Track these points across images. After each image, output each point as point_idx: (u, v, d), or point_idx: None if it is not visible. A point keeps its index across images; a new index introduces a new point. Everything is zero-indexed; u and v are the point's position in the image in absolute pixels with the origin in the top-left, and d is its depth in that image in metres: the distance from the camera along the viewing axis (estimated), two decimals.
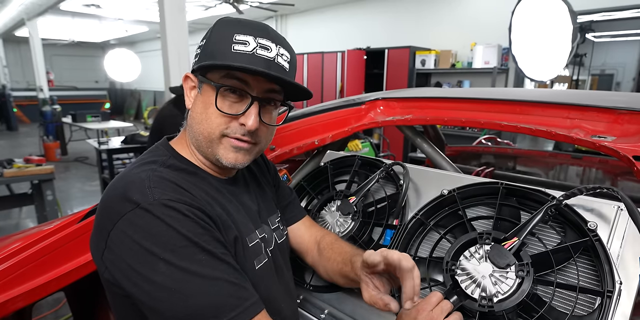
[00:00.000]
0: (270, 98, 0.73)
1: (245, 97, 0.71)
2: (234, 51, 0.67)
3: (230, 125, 0.71)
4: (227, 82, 0.69)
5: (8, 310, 0.82)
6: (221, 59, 0.68)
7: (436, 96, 1.22)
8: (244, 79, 0.69)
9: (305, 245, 0.97)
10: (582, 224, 0.72)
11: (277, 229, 0.89)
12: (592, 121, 0.93)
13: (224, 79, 0.69)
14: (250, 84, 0.70)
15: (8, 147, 8.79)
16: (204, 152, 0.75)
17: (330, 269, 0.90)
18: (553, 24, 3.15)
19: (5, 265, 0.85)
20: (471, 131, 5.15)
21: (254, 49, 0.68)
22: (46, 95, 8.13)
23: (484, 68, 4.95)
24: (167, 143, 0.79)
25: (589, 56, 5.85)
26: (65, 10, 8.10)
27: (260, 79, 0.70)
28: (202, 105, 0.72)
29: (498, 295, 0.72)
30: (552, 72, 3.53)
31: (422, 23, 5.93)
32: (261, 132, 0.75)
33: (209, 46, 0.71)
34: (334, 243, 0.93)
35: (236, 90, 0.70)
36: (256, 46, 0.68)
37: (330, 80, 6.46)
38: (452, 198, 0.90)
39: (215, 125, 0.71)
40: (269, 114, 0.75)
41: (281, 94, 0.75)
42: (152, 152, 0.77)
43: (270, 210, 0.90)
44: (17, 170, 3.43)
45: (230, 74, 0.69)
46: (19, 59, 13.40)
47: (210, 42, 0.71)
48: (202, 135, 0.73)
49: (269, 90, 0.72)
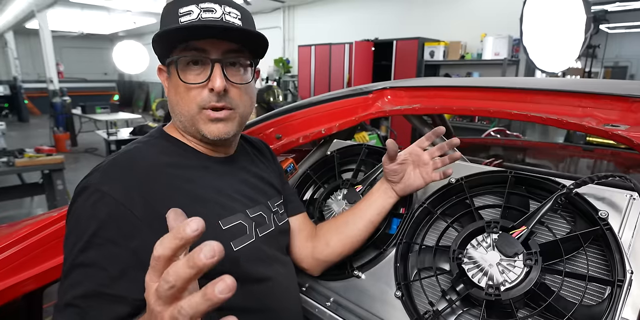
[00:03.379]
0: (231, 58, 0.73)
1: (207, 64, 0.71)
2: (181, 24, 0.68)
3: (202, 95, 0.71)
4: (185, 54, 0.70)
5: (18, 293, 0.84)
6: None
7: (445, 85, 1.20)
8: (200, 47, 0.70)
9: (306, 233, 0.97)
10: (593, 213, 0.71)
11: (277, 213, 0.89)
12: (604, 109, 0.90)
13: (182, 52, 0.70)
14: (207, 50, 0.70)
15: (20, 138, 8.91)
16: (190, 131, 0.76)
17: (336, 233, 0.92)
18: (566, 14, 3.08)
19: (16, 249, 0.86)
20: (480, 124, 5.09)
21: (199, 15, 0.69)
22: (56, 87, 8.18)
23: (494, 59, 4.88)
24: (160, 128, 0.82)
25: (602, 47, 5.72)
26: (74, 2, 8.12)
27: (215, 41, 0.70)
28: (174, 87, 0.74)
29: (505, 284, 0.72)
30: (564, 63, 3.46)
31: (431, 14, 5.84)
32: (234, 94, 0.74)
33: (161, 28, 0.71)
34: (331, 220, 0.99)
35: (197, 62, 0.71)
36: (200, 12, 0.69)
37: (337, 72, 6.42)
38: (460, 187, 0.89)
39: (189, 100, 0.72)
40: (236, 75, 0.74)
41: (244, 53, 0.74)
42: (146, 135, 0.80)
43: (271, 192, 0.90)
44: (28, 159, 3.48)
45: (187, 46, 0.70)
46: (29, 51, 13.50)
47: (161, 25, 0.72)
48: (183, 115, 0.74)
49: (228, 51, 0.72)
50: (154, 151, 0.75)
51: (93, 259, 0.60)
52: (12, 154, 3.63)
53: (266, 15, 8.62)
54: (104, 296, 0.59)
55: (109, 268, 0.60)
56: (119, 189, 0.64)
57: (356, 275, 0.94)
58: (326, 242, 0.93)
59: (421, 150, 0.88)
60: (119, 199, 0.63)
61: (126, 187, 0.65)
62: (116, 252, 0.61)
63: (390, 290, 0.87)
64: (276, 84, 7.51)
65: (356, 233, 0.91)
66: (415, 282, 0.85)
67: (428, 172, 0.87)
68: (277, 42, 8.55)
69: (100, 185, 0.64)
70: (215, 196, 0.75)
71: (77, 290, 0.58)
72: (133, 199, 0.64)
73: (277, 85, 6.18)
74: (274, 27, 8.60)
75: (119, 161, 0.69)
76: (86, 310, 0.58)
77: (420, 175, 0.88)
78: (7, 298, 0.85)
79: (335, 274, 0.98)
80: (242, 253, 0.75)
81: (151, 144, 0.77)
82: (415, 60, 5.46)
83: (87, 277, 0.59)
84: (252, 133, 1.22)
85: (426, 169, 0.88)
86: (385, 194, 0.91)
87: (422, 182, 0.88)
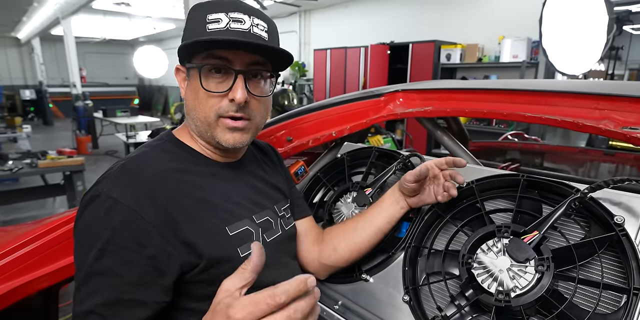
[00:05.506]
0: (254, 70, 0.73)
1: (229, 74, 0.71)
2: (209, 31, 0.68)
3: (222, 104, 0.72)
4: (209, 62, 0.70)
5: (33, 289, 0.86)
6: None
7: (457, 87, 1.18)
8: (224, 56, 0.70)
9: (313, 237, 0.97)
10: (608, 218, 0.68)
11: (283, 217, 0.89)
12: (623, 112, 0.87)
13: (206, 59, 0.70)
14: (231, 60, 0.70)
15: (44, 140, 9.20)
16: (205, 137, 0.76)
17: (344, 239, 0.92)
18: (587, 14, 3.00)
19: (31, 247, 0.89)
20: (498, 127, 5.01)
21: (227, 24, 0.68)
22: (79, 91, 8.44)
23: (512, 62, 4.79)
24: (170, 132, 0.83)
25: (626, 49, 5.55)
26: (97, 9, 8.37)
27: (241, 52, 0.70)
28: (193, 92, 0.74)
29: (516, 290, 0.70)
30: (585, 65, 3.37)
31: (447, 16, 5.79)
32: (253, 106, 0.75)
33: (187, 32, 0.72)
34: (339, 225, 0.98)
35: (220, 70, 0.71)
36: (229, 21, 0.69)
37: (353, 76, 6.42)
38: (471, 190, 0.87)
39: (208, 108, 0.72)
40: (257, 87, 0.75)
41: (266, 65, 0.75)
42: (156, 138, 0.81)
43: (278, 197, 0.90)
44: (50, 161, 3.60)
45: (211, 54, 0.70)
46: (54, 57, 13.96)
47: (187, 29, 0.72)
48: (200, 120, 0.74)
49: (251, 62, 0.72)
50: (163, 156, 0.75)
51: (109, 267, 0.60)
52: (35, 156, 3.77)
53: (282, 20, 8.70)
54: (124, 302, 0.60)
55: (126, 275, 0.61)
56: (129, 195, 0.64)
57: (364, 278, 0.94)
58: (333, 247, 0.93)
59: (439, 170, 0.86)
60: (129, 204, 0.63)
61: (135, 192, 0.65)
62: (131, 258, 0.61)
63: (398, 295, 0.86)
64: (292, 87, 7.55)
65: (364, 239, 0.90)
66: (423, 287, 0.84)
67: (440, 192, 0.85)
68: (293, 46, 8.62)
69: (110, 192, 0.64)
70: (223, 202, 0.75)
71: (97, 298, 0.59)
72: (143, 205, 0.64)
73: (292, 89, 6.21)
74: (290, 32, 8.67)
75: (127, 167, 0.69)
76: (108, 318, 0.59)
77: (433, 191, 0.86)
78: (22, 295, 0.87)
79: (343, 277, 0.98)
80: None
81: (160, 149, 0.77)
82: (432, 63, 5.41)
83: (105, 285, 0.60)
84: (264, 135, 1.23)
85: (439, 189, 0.85)
86: (398, 203, 0.90)
87: (433, 199, 0.86)
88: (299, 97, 7.11)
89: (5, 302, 0.87)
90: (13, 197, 4.07)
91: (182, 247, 0.66)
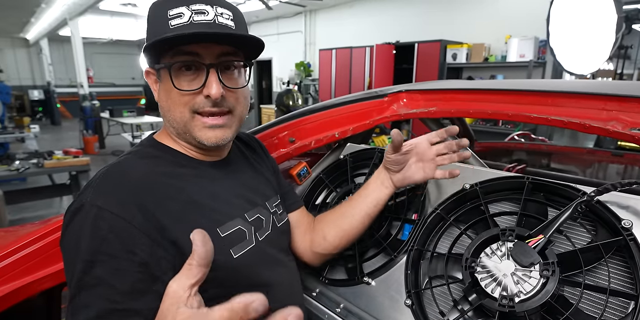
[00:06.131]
0: (226, 62, 0.70)
1: (201, 69, 0.69)
2: (172, 27, 0.65)
3: (196, 100, 0.69)
4: (178, 60, 0.67)
5: (35, 290, 0.86)
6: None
7: (461, 88, 1.17)
8: (192, 51, 0.67)
9: (304, 227, 0.96)
10: (616, 222, 0.67)
11: (275, 213, 0.87)
12: (631, 113, 0.85)
13: (174, 58, 0.68)
14: (201, 54, 0.68)
15: (52, 140, 9.30)
16: (185, 138, 0.74)
17: (334, 226, 0.91)
18: (595, 13, 2.97)
19: (33, 248, 0.89)
20: (504, 127, 4.97)
21: (190, 18, 0.65)
22: (86, 91, 8.51)
23: (519, 61, 4.75)
24: (150, 137, 0.80)
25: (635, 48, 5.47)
26: (104, 10, 8.44)
27: (208, 45, 0.67)
28: (165, 93, 0.72)
29: (520, 295, 0.68)
30: (593, 65, 3.33)
31: (453, 15, 5.75)
32: (230, 98, 0.72)
33: (150, 32, 0.69)
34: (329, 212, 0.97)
35: (191, 66, 0.68)
36: (191, 14, 0.66)
37: (358, 76, 6.41)
38: (475, 193, 0.86)
39: (182, 106, 0.70)
40: (232, 79, 0.72)
41: (238, 55, 0.72)
42: (137, 144, 0.79)
43: (268, 193, 0.88)
44: (56, 161, 3.64)
45: (179, 51, 0.67)
46: (62, 58, 14.10)
47: (149, 28, 0.69)
48: (176, 121, 0.72)
49: (222, 54, 0.69)
50: (145, 161, 0.72)
51: (101, 277, 0.58)
52: (41, 156, 3.81)
53: (288, 20, 8.71)
54: (117, 313, 0.58)
55: (118, 284, 0.58)
56: (114, 202, 0.62)
57: (366, 281, 0.93)
58: (323, 235, 0.92)
59: (428, 145, 0.86)
60: (116, 212, 0.61)
61: (120, 199, 0.63)
62: (122, 267, 0.59)
63: (400, 298, 0.85)
64: (297, 88, 7.55)
65: (353, 226, 0.90)
66: (426, 291, 0.83)
67: (431, 168, 0.85)
68: (299, 46, 8.62)
69: (95, 201, 0.61)
70: (211, 203, 0.73)
71: (90, 311, 0.57)
72: (130, 211, 0.62)
73: (297, 89, 6.20)
74: (296, 32, 8.68)
75: (109, 174, 0.67)
76: None
77: (422, 169, 0.85)
78: (24, 295, 0.87)
79: (345, 280, 0.97)
80: (243, 260, 0.73)
81: (141, 154, 0.74)
82: (437, 63, 5.38)
83: (97, 296, 0.58)
84: (265, 136, 1.22)
85: (429, 165, 0.85)
86: (382, 184, 0.89)
87: (422, 176, 0.85)
88: (304, 98, 7.09)
89: (7, 303, 0.88)
90: (20, 197, 4.12)
91: (174, 250, 0.64)
